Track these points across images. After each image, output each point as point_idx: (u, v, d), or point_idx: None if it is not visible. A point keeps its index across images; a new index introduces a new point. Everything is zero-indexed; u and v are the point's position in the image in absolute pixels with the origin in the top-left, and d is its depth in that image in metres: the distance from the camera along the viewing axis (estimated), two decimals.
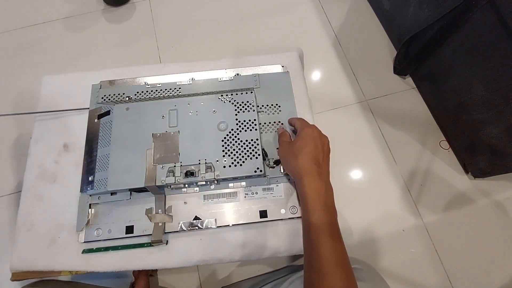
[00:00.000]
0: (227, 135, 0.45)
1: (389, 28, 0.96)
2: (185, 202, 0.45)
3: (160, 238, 0.42)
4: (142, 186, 0.42)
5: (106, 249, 0.43)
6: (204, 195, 0.46)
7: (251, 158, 0.44)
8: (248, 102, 0.47)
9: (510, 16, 0.54)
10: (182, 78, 0.52)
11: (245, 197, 0.46)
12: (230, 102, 0.47)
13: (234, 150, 0.44)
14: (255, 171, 0.43)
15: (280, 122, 0.49)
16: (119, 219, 0.44)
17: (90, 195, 0.45)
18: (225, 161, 0.43)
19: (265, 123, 0.49)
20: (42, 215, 0.45)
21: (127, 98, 0.49)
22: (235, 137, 0.45)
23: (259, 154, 0.44)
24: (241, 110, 0.47)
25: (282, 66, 0.54)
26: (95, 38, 0.97)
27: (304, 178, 0.37)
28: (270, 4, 1.03)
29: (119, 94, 0.49)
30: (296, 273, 0.49)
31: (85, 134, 0.49)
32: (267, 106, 0.50)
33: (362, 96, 0.89)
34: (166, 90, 0.50)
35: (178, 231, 0.44)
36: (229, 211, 0.45)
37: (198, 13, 1.02)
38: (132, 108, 0.47)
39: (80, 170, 0.47)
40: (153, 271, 0.69)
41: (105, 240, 0.44)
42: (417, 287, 0.69)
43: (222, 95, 0.48)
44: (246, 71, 0.54)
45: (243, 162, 0.43)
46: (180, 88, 0.50)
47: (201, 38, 0.98)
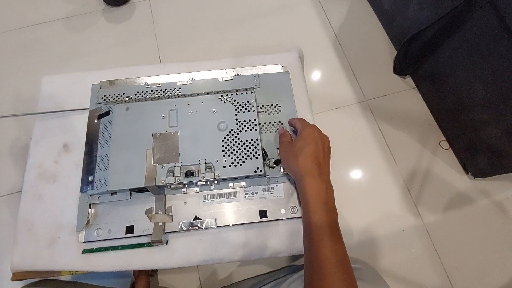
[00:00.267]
0: (227, 135, 0.45)
1: (389, 28, 0.96)
2: (185, 202, 0.45)
3: (160, 238, 0.42)
4: (142, 186, 0.42)
5: (106, 249, 0.43)
6: (204, 195, 0.46)
7: (251, 158, 0.44)
8: (248, 102, 0.47)
9: (510, 16, 0.54)
10: (182, 78, 0.52)
11: (245, 197, 0.46)
12: (230, 102, 0.47)
13: (234, 150, 0.44)
14: (255, 171, 0.43)
15: (280, 122, 0.49)
16: (119, 219, 0.44)
17: (90, 195, 0.45)
18: (225, 161, 0.43)
19: (265, 123, 0.49)
20: (42, 215, 0.45)
21: (127, 98, 0.49)
22: (235, 137, 0.45)
23: (259, 154, 0.44)
24: (241, 110, 0.47)
25: (282, 66, 0.54)
26: (95, 38, 0.97)
27: (304, 178, 0.37)
28: (270, 4, 1.03)
29: (119, 94, 0.49)
30: (296, 273, 0.49)
31: (85, 134, 0.49)
32: (267, 106, 0.50)
33: (362, 96, 0.89)
34: (166, 90, 0.50)
35: (178, 231, 0.44)
36: (229, 211, 0.45)
37: (198, 13, 1.02)
38: (132, 108, 0.47)
39: (80, 170, 0.47)
40: (153, 271, 0.69)
41: (105, 240, 0.44)
42: (417, 287, 0.69)
43: (222, 95, 0.48)
44: (246, 71, 0.54)
45: (243, 162, 0.43)
46: (180, 88, 0.50)
47: (201, 38, 0.98)
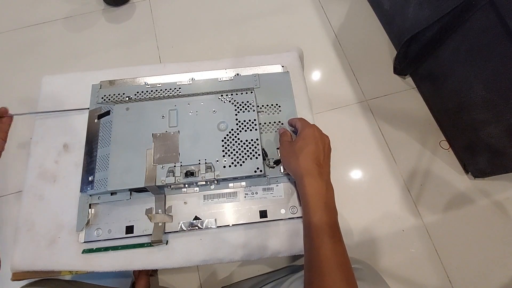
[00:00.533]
0: (227, 135, 0.45)
1: (389, 28, 0.96)
2: (185, 202, 0.45)
3: (160, 238, 0.42)
4: (142, 186, 0.42)
5: (106, 249, 0.43)
6: (204, 195, 0.46)
7: (251, 158, 0.44)
8: (248, 102, 0.47)
9: (510, 16, 0.54)
10: (182, 78, 0.52)
11: (245, 197, 0.46)
12: (230, 102, 0.47)
13: (234, 150, 0.44)
14: (255, 171, 0.43)
15: (280, 122, 0.49)
16: (119, 219, 0.44)
17: (90, 195, 0.45)
18: (225, 161, 0.44)
19: (265, 123, 0.49)
20: (42, 215, 0.45)
21: (127, 98, 0.49)
22: (235, 137, 0.45)
23: (259, 154, 0.44)
24: (241, 110, 0.47)
25: (282, 66, 0.54)
26: (95, 38, 0.97)
27: (304, 178, 0.37)
28: (270, 4, 1.03)
29: (119, 94, 0.49)
30: (296, 273, 0.49)
31: (85, 134, 0.49)
32: (267, 106, 0.50)
33: (362, 96, 0.89)
34: (166, 90, 0.50)
35: (178, 231, 0.44)
36: (229, 211, 0.45)
37: (198, 13, 1.02)
38: (132, 108, 0.47)
39: (80, 170, 0.47)
40: (153, 271, 0.69)
41: (105, 240, 0.44)
42: (417, 287, 0.69)
43: (222, 95, 0.48)
44: (246, 71, 0.54)
45: (243, 162, 0.43)
46: (180, 88, 0.50)
47: (201, 38, 0.98)
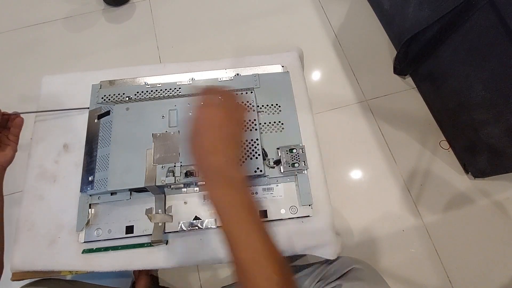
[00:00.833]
0: None
1: (389, 28, 0.96)
2: (185, 202, 0.45)
3: (160, 238, 0.42)
4: (142, 186, 0.42)
5: (106, 249, 0.43)
6: (204, 195, 0.46)
7: (251, 158, 0.44)
8: (248, 102, 0.47)
9: (510, 16, 0.54)
10: (182, 78, 0.52)
11: None
12: None
13: None
14: (255, 171, 0.43)
15: (280, 122, 0.49)
16: (119, 219, 0.44)
17: (90, 195, 0.45)
18: None
19: (265, 123, 0.49)
20: (42, 215, 0.45)
21: (127, 98, 0.49)
22: None
23: (259, 154, 0.44)
24: None
25: (282, 66, 0.54)
26: (95, 38, 0.97)
27: (206, 181, 0.30)
28: (270, 4, 1.03)
29: (119, 94, 0.49)
30: (296, 273, 0.49)
31: (85, 134, 0.49)
32: (267, 106, 0.50)
33: (362, 96, 0.89)
34: (166, 90, 0.50)
35: (178, 231, 0.44)
36: None
37: (198, 13, 1.02)
38: (132, 108, 0.47)
39: (80, 170, 0.47)
40: (153, 271, 0.69)
41: (105, 240, 0.44)
42: (417, 287, 0.69)
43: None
44: (246, 71, 0.54)
45: (243, 162, 0.43)
46: (180, 88, 0.50)
47: (201, 38, 0.97)
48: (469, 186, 0.78)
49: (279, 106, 0.50)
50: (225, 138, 0.31)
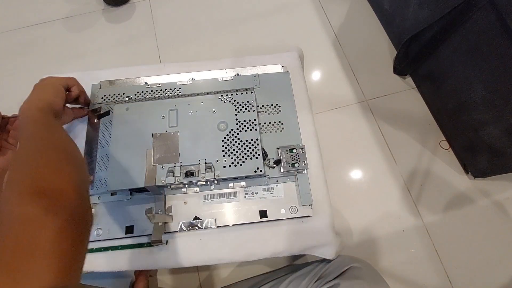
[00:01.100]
0: (227, 135, 0.45)
1: (389, 28, 0.96)
2: (185, 202, 0.45)
3: (160, 238, 0.42)
4: (142, 186, 0.42)
5: (106, 249, 0.43)
6: (204, 195, 0.46)
7: (251, 158, 0.44)
8: (248, 102, 0.47)
9: (510, 16, 0.54)
10: (182, 78, 0.52)
11: (245, 197, 0.46)
12: (230, 102, 0.47)
13: (234, 150, 0.44)
14: (255, 171, 0.43)
15: (280, 122, 0.49)
16: (119, 219, 0.44)
17: (90, 195, 0.45)
18: (225, 161, 0.44)
19: (265, 123, 0.49)
20: None
21: (127, 98, 0.49)
22: (235, 137, 0.45)
23: (259, 154, 0.44)
24: (241, 110, 0.47)
25: (282, 66, 0.54)
26: (95, 38, 0.97)
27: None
28: (270, 4, 1.03)
29: (119, 94, 0.49)
30: (295, 272, 0.49)
31: (85, 134, 0.49)
32: (267, 106, 0.50)
33: (362, 96, 0.89)
34: (166, 90, 0.50)
35: (178, 231, 0.44)
36: (229, 211, 0.45)
37: (198, 13, 1.02)
38: (132, 108, 0.47)
39: None
40: (152, 272, 0.69)
41: (105, 240, 0.44)
42: (417, 287, 0.69)
43: (222, 95, 0.48)
44: (246, 71, 0.54)
45: (243, 162, 0.43)
46: (180, 88, 0.50)
47: (201, 38, 0.97)
48: (469, 186, 0.78)
49: (279, 106, 0.50)
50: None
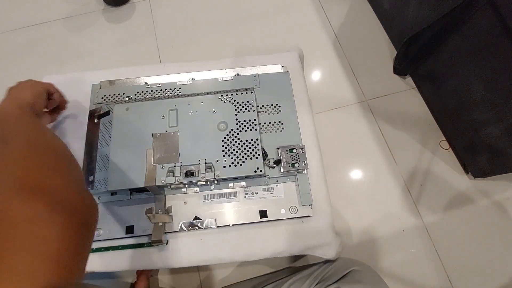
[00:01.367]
0: (227, 135, 0.45)
1: (389, 28, 0.96)
2: (185, 202, 0.45)
3: (160, 238, 0.42)
4: (142, 186, 0.42)
5: (106, 249, 0.43)
6: (204, 195, 0.46)
7: (251, 158, 0.44)
8: (248, 102, 0.47)
9: (510, 16, 0.54)
10: (182, 78, 0.52)
11: (245, 197, 0.46)
12: (230, 102, 0.47)
13: (234, 150, 0.44)
14: (255, 171, 0.43)
15: (280, 122, 0.49)
16: (119, 219, 0.44)
17: None
18: (225, 161, 0.44)
19: (265, 123, 0.49)
20: None
21: (127, 98, 0.49)
22: (235, 137, 0.45)
23: (259, 154, 0.44)
24: (241, 110, 0.47)
25: (282, 66, 0.54)
26: (95, 38, 0.97)
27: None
28: (270, 4, 1.03)
29: (119, 94, 0.49)
30: (296, 274, 0.49)
31: (85, 134, 0.49)
32: (267, 106, 0.50)
33: (362, 96, 0.89)
34: (166, 90, 0.50)
35: (178, 231, 0.44)
36: (229, 211, 0.45)
37: (198, 13, 1.02)
38: (132, 108, 0.47)
39: None
40: (153, 272, 0.69)
41: (105, 240, 0.44)
42: (417, 287, 0.69)
43: (222, 95, 0.48)
44: (246, 71, 0.54)
45: (243, 162, 0.43)
46: (180, 88, 0.50)
47: (201, 38, 0.97)
48: (469, 186, 0.78)
49: (279, 106, 0.50)
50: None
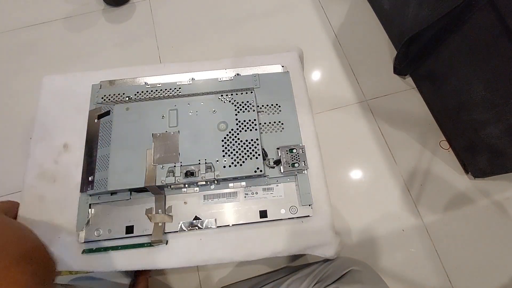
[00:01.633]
0: (227, 135, 0.45)
1: (389, 28, 0.96)
2: (185, 202, 0.45)
3: (160, 238, 0.42)
4: (142, 186, 0.42)
5: (106, 249, 0.43)
6: (204, 195, 0.46)
7: (251, 158, 0.44)
8: (248, 102, 0.47)
9: (510, 16, 0.54)
10: (182, 78, 0.52)
11: (245, 197, 0.46)
12: (230, 102, 0.47)
13: (234, 150, 0.44)
14: (255, 171, 0.43)
15: (280, 122, 0.49)
16: (119, 219, 0.44)
17: (90, 195, 0.45)
18: (225, 161, 0.44)
19: (265, 123, 0.49)
20: (42, 215, 0.45)
21: (127, 98, 0.49)
22: (235, 137, 0.45)
23: (259, 154, 0.44)
24: (241, 110, 0.47)
25: (282, 66, 0.54)
26: (95, 38, 0.97)
27: None
28: (270, 4, 1.03)
29: (119, 94, 0.49)
30: (295, 274, 0.49)
31: (85, 134, 0.49)
32: (267, 106, 0.50)
33: (362, 96, 0.89)
34: (166, 90, 0.50)
35: (178, 231, 0.44)
36: (229, 211, 0.45)
37: (198, 13, 1.02)
38: (132, 108, 0.47)
39: (80, 170, 0.47)
40: (152, 272, 0.69)
41: (105, 240, 0.44)
42: (417, 287, 0.69)
43: (222, 95, 0.48)
44: (246, 71, 0.54)
45: (243, 162, 0.43)
46: (180, 88, 0.50)
47: (201, 38, 0.97)
48: (469, 186, 0.78)
49: (279, 106, 0.50)
50: None
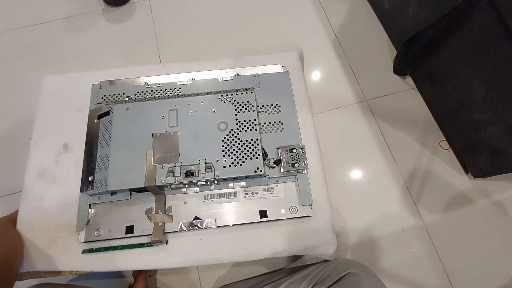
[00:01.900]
0: (227, 135, 0.45)
1: (389, 28, 0.96)
2: (185, 202, 0.45)
3: (160, 238, 0.42)
4: (142, 186, 0.42)
5: (106, 249, 0.43)
6: (204, 195, 0.46)
7: (251, 158, 0.44)
8: (248, 102, 0.47)
9: (510, 16, 0.54)
10: (182, 78, 0.52)
11: (245, 197, 0.46)
12: (230, 102, 0.47)
13: (234, 150, 0.44)
14: (255, 171, 0.43)
15: (280, 122, 0.49)
16: (119, 219, 0.44)
17: (90, 195, 0.45)
18: (225, 161, 0.44)
19: (265, 123, 0.49)
20: (42, 215, 0.45)
21: (127, 98, 0.49)
22: (235, 137, 0.45)
23: (259, 154, 0.44)
24: (241, 110, 0.47)
25: (282, 66, 0.54)
26: (95, 38, 0.97)
27: None
28: (270, 4, 1.03)
29: (119, 94, 0.49)
30: (294, 274, 0.49)
31: (85, 134, 0.49)
32: (267, 106, 0.50)
33: (362, 96, 0.89)
34: (166, 90, 0.50)
35: (178, 231, 0.44)
36: (229, 211, 0.45)
37: (198, 13, 1.02)
38: (132, 108, 0.47)
39: (80, 170, 0.47)
40: (152, 272, 0.69)
41: (105, 240, 0.44)
42: (417, 287, 0.69)
43: (222, 95, 0.48)
44: (246, 71, 0.54)
45: (243, 162, 0.43)
46: (180, 88, 0.50)
47: (201, 38, 0.97)
48: (469, 186, 0.78)
49: (279, 106, 0.50)
50: None
